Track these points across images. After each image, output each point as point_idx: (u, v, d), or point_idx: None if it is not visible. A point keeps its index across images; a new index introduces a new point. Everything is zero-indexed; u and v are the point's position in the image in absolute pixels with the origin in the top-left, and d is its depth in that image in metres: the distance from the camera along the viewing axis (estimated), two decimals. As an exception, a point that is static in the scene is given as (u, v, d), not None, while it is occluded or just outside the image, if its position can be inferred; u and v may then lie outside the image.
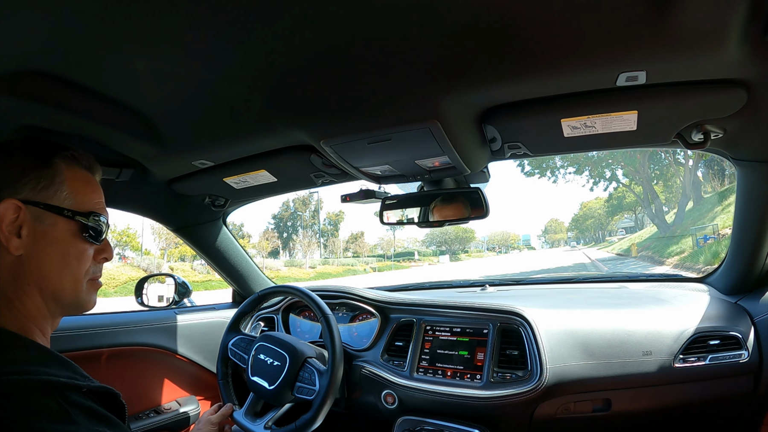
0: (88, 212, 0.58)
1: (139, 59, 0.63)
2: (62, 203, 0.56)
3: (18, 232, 0.52)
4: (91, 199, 0.59)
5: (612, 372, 1.03)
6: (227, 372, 1.27)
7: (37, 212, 0.54)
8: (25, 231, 0.53)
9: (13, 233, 0.52)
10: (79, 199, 0.58)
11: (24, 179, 0.54)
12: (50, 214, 0.55)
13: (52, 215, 0.55)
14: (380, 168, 1.04)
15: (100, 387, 0.51)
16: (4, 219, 0.51)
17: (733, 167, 1.04)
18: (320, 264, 35.10)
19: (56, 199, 0.55)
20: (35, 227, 0.53)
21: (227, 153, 1.05)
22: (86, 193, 0.59)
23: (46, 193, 0.55)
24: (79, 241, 0.57)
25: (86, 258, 0.58)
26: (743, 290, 1.21)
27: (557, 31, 0.58)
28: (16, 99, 0.69)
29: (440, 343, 1.21)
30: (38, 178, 0.55)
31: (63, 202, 0.56)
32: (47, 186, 0.55)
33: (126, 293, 16.69)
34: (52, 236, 0.55)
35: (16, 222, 0.52)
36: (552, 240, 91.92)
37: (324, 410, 1.06)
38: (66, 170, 0.57)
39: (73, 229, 0.57)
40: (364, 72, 0.68)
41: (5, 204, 0.51)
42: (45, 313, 0.55)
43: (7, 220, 0.52)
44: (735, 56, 0.63)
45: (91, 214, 0.58)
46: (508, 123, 0.86)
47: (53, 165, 0.56)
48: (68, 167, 0.58)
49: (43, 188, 0.55)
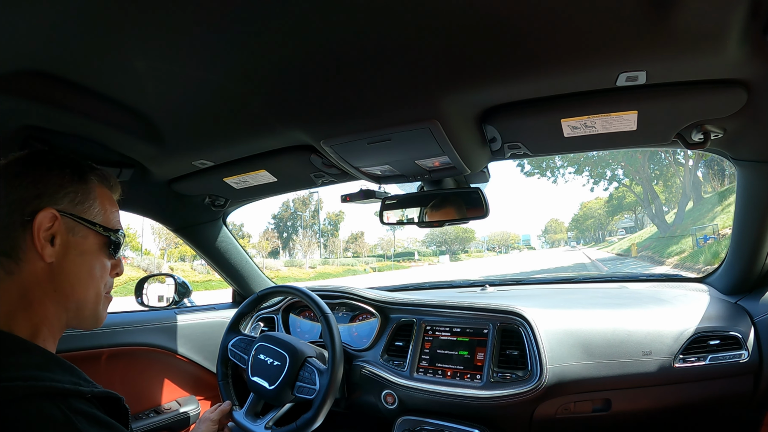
0: (115, 229, 0.63)
1: (139, 59, 0.63)
2: (94, 218, 0.59)
3: (51, 241, 0.54)
4: (115, 217, 0.64)
5: (612, 372, 1.03)
6: (227, 373, 1.27)
7: (71, 224, 0.57)
8: (58, 240, 0.55)
9: (47, 241, 0.54)
10: (107, 216, 0.62)
11: (62, 191, 0.57)
12: (83, 227, 0.58)
13: (85, 228, 0.58)
14: (380, 168, 1.04)
15: (104, 392, 0.52)
16: (42, 227, 0.53)
17: (733, 167, 1.04)
18: (320, 264, 35.11)
19: (89, 214, 0.59)
20: (68, 238, 0.56)
21: (227, 153, 1.05)
22: (112, 211, 0.63)
23: (81, 207, 0.58)
24: (103, 255, 0.61)
25: (107, 271, 0.62)
26: (743, 290, 1.21)
27: (557, 31, 0.58)
28: (16, 99, 0.69)
29: (440, 343, 1.21)
30: (76, 192, 0.58)
31: (95, 217, 0.60)
32: (83, 201, 0.58)
33: (126, 293, 16.63)
34: (83, 248, 0.58)
35: (50, 231, 0.54)
36: (552, 240, 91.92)
37: (324, 409, 1.06)
38: (98, 188, 0.61)
39: (101, 243, 0.60)
40: (364, 72, 0.68)
41: (44, 212, 0.54)
42: (60, 322, 0.57)
43: (44, 227, 0.54)
44: (735, 56, 0.63)
45: (117, 231, 0.63)
46: (508, 123, 0.86)
47: (89, 182, 0.60)
48: (99, 185, 0.62)
49: (79, 202, 0.58)
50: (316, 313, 1.17)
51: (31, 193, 0.54)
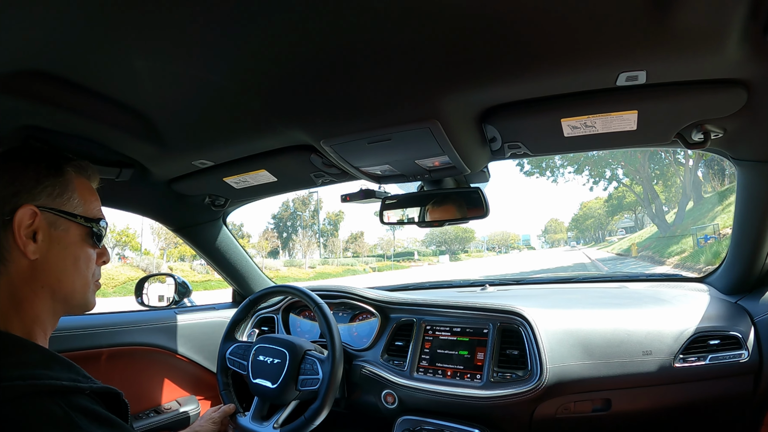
0: (96, 219, 0.62)
1: (139, 59, 0.63)
2: (74, 210, 0.59)
3: (33, 237, 0.54)
4: (95, 206, 0.63)
5: (612, 372, 1.03)
6: (228, 382, 1.26)
7: (52, 218, 0.56)
8: (40, 236, 0.55)
9: (29, 238, 0.54)
10: (87, 207, 0.61)
11: (39, 186, 0.56)
12: (64, 219, 0.58)
13: (66, 221, 0.58)
14: (380, 168, 1.04)
15: (103, 387, 0.52)
16: (22, 224, 0.53)
17: (733, 167, 1.04)
18: (320, 264, 35.13)
19: (69, 206, 0.58)
20: (50, 232, 0.56)
21: (227, 153, 1.05)
22: (91, 201, 0.62)
23: (60, 200, 0.58)
24: (87, 245, 0.61)
25: (92, 261, 0.62)
26: (743, 290, 1.21)
27: (557, 31, 0.58)
28: (16, 99, 0.69)
29: (440, 342, 1.21)
30: (53, 185, 0.57)
31: (75, 208, 0.59)
32: (61, 193, 0.58)
33: (125, 293, 16.69)
34: (66, 241, 0.58)
35: (32, 227, 0.54)
36: (552, 240, 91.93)
37: (331, 397, 1.06)
38: (75, 179, 0.61)
39: (83, 235, 0.60)
40: (364, 72, 0.68)
41: (23, 210, 0.53)
42: (51, 315, 0.57)
43: (24, 225, 0.53)
44: (735, 56, 0.63)
45: (98, 220, 0.62)
46: (508, 123, 0.86)
47: (65, 173, 0.59)
48: (77, 176, 0.61)
49: (58, 195, 0.57)
50: (310, 305, 1.17)
51: (8, 192, 0.53)
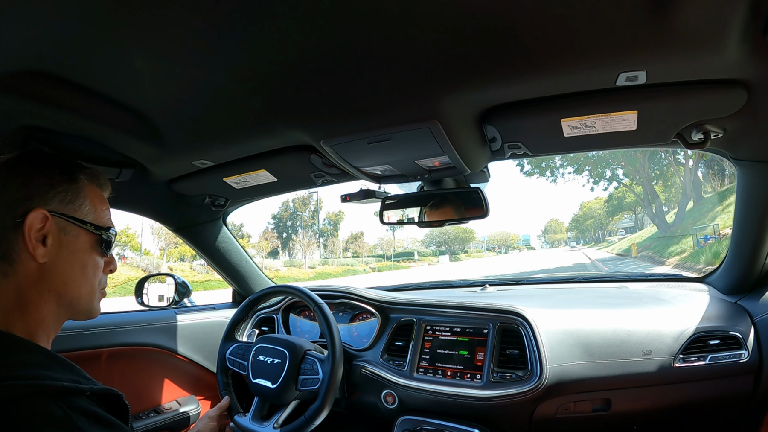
0: (106, 227, 0.63)
1: (139, 59, 0.63)
2: (85, 217, 0.60)
3: (43, 241, 0.55)
4: (106, 215, 0.64)
5: (612, 372, 1.03)
6: (228, 382, 1.26)
7: (62, 223, 0.57)
8: (50, 240, 0.55)
9: (39, 241, 0.54)
10: (98, 214, 0.62)
11: (52, 191, 0.57)
12: (74, 226, 0.58)
13: (76, 227, 0.58)
14: (380, 168, 1.04)
15: (104, 389, 0.52)
16: (33, 227, 0.54)
17: (733, 167, 1.04)
18: (320, 264, 35.13)
19: (80, 213, 0.59)
20: (60, 237, 0.56)
21: (227, 153, 1.05)
22: (102, 209, 0.63)
23: (72, 206, 0.58)
24: (96, 253, 0.61)
25: (100, 269, 0.62)
26: (743, 290, 1.21)
27: (557, 30, 0.59)
28: (16, 99, 0.69)
29: (440, 342, 1.21)
30: (66, 191, 0.58)
31: (86, 216, 0.60)
32: (73, 200, 0.59)
33: (125, 293, 16.67)
34: (75, 247, 0.58)
35: (42, 231, 0.55)
36: (552, 240, 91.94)
37: (331, 397, 1.06)
38: (87, 186, 0.61)
39: (92, 242, 0.60)
40: (364, 72, 0.68)
41: (35, 213, 0.54)
42: (55, 320, 0.58)
43: (35, 228, 0.54)
44: (735, 56, 0.63)
45: (108, 228, 0.63)
46: (508, 123, 0.86)
47: (78, 180, 0.60)
48: (89, 184, 0.62)
49: (70, 201, 0.58)
50: (310, 305, 1.17)
51: (22, 195, 0.54)
